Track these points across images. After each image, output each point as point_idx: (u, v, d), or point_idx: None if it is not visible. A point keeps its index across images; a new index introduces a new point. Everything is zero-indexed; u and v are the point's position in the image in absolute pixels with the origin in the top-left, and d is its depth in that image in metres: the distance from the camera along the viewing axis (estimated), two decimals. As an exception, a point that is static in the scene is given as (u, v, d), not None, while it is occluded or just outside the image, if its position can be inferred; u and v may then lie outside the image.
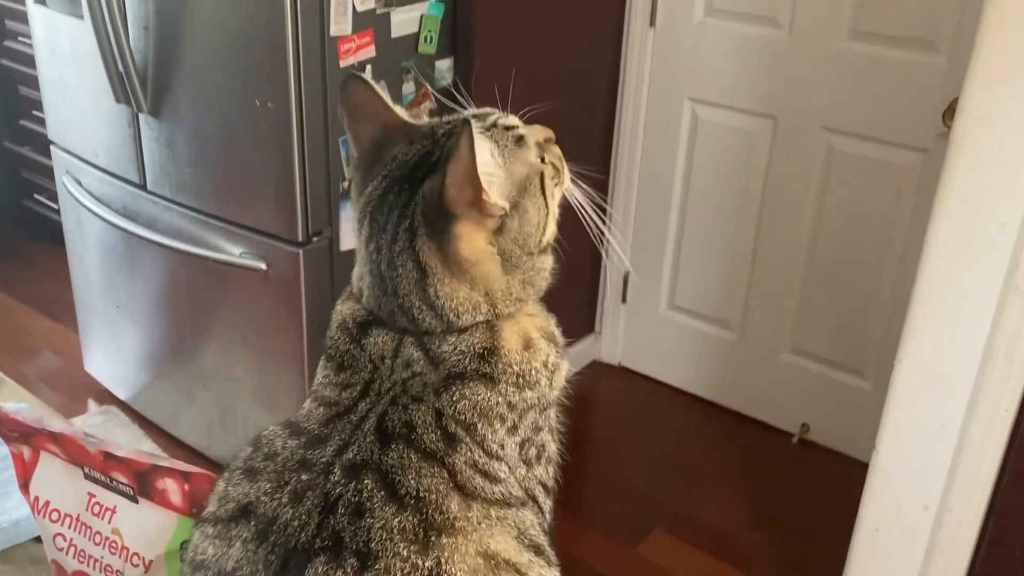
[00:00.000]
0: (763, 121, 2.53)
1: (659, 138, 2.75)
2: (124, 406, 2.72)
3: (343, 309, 0.86)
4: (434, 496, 0.73)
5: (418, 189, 0.80)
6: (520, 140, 0.85)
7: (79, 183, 2.50)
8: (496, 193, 0.79)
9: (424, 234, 0.79)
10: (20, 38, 3.32)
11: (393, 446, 0.75)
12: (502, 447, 0.80)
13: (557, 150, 0.91)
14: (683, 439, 2.79)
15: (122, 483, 0.88)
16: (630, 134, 2.79)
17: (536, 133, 0.89)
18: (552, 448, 0.87)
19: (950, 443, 1.61)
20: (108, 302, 2.62)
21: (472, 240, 0.79)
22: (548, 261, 0.88)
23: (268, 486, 0.74)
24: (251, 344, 2.29)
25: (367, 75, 0.88)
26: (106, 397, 2.78)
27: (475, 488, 0.75)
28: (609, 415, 2.91)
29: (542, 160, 0.87)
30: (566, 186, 0.91)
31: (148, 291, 2.47)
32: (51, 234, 2.77)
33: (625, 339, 3.03)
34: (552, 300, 0.89)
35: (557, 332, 0.89)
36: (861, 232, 2.45)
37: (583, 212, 0.92)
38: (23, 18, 2.88)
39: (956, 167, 1.49)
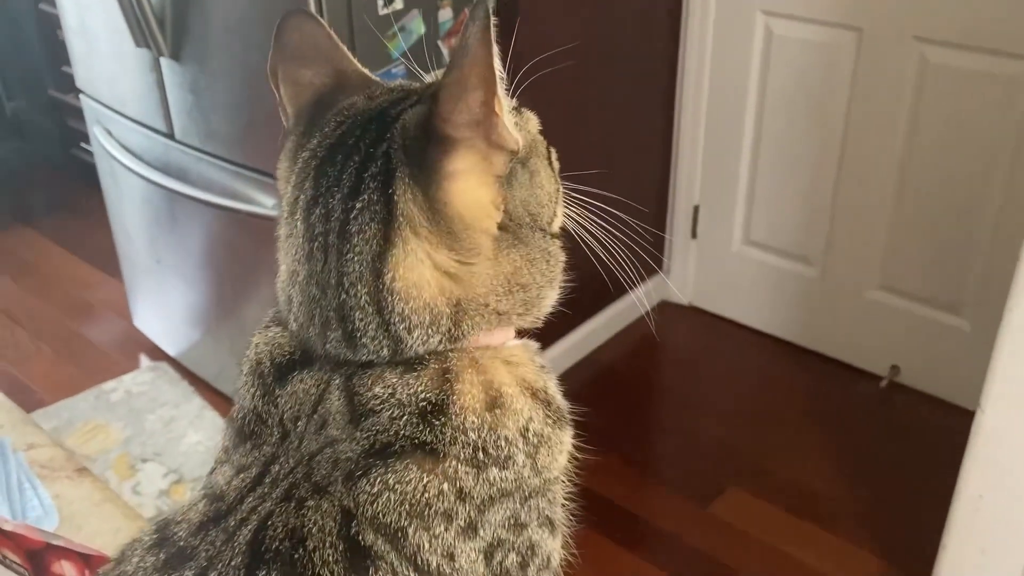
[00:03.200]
0: (846, 33, 2.25)
1: (729, 57, 2.50)
2: (174, 363, 2.65)
3: (260, 341, 0.65)
4: None
5: (391, 128, 0.58)
6: (517, 108, 0.65)
7: (110, 133, 2.39)
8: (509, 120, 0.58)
9: (405, 175, 0.56)
10: (55, -20, 3.20)
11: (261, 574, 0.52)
12: (451, 557, 0.56)
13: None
14: (760, 385, 2.59)
15: (15, 562, 0.73)
16: (696, 53, 2.54)
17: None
18: (549, 547, 0.62)
19: (1071, 406, 1.40)
20: (149, 257, 2.52)
21: (472, 184, 0.57)
22: (559, 253, 0.65)
23: None
24: (292, 300, 2.16)
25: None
26: (157, 353, 2.71)
27: None
28: (679, 360, 2.72)
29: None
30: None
31: (186, 245, 2.36)
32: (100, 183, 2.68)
33: (696, 277, 2.83)
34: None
35: (554, 391, 0.65)
36: (959, 155, 2.18)
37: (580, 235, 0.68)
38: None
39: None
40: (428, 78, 0.69)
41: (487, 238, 0.59)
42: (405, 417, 0.56)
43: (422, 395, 0.57)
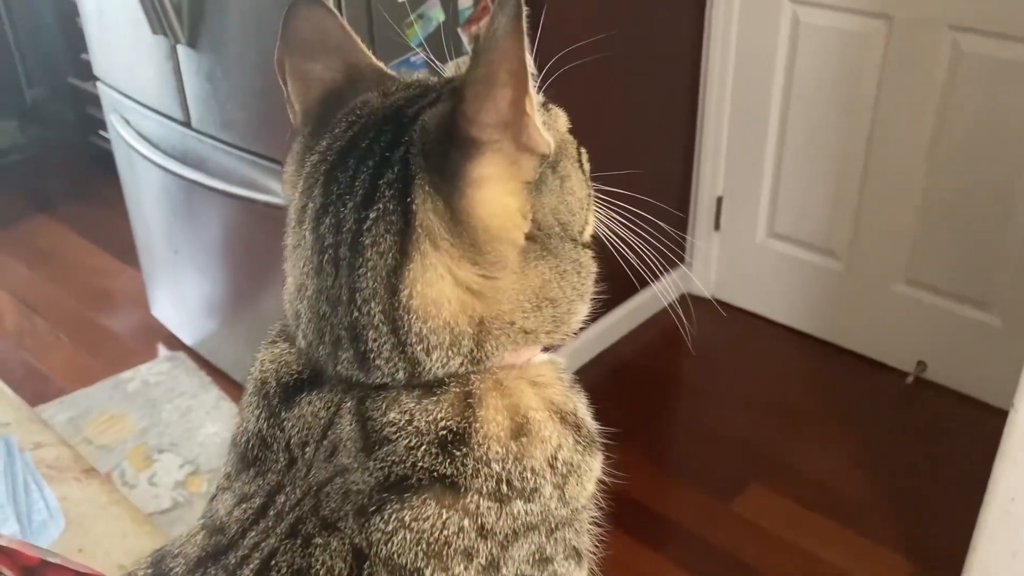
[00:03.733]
0: (875, 22, 2.20)
1: (754, 45, 2.44)
2: (192, 352, 2.64)
3: (265, 358, 0.60)
4: None
5: (409, 130, 0.54)
6: (544, 104, 0.60)
7: (127, 122, 2.37)
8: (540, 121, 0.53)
9: (425, 182, 0.52)
10: (74, -33, 3.18)
11: None
12: None
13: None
14: (784, 380, 2.55)
15: (11, 578, 0.71)
16: (721, 41, 2.49)
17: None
18: None
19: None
20: (166, 246, 2.51)
21: (498, 192, 0.52)
22: (590, 264, 0.60)
23: None
24: (309, 291, 2.14)
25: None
26: (175, 343, 2.70)
27: None
28: (701, 354, 2.68)
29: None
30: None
31: (203, 234, 2.34)
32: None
33: (719, 270, 2.78)
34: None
35: (584, 413, 0.60)
36: (991, 146, 2.13)
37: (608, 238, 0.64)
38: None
39: None
40: (448, 70, 0.65)
41: (513, 250, 0.55)
42: (423, 447, 0.52)
43: (442, 423, 0.53)
